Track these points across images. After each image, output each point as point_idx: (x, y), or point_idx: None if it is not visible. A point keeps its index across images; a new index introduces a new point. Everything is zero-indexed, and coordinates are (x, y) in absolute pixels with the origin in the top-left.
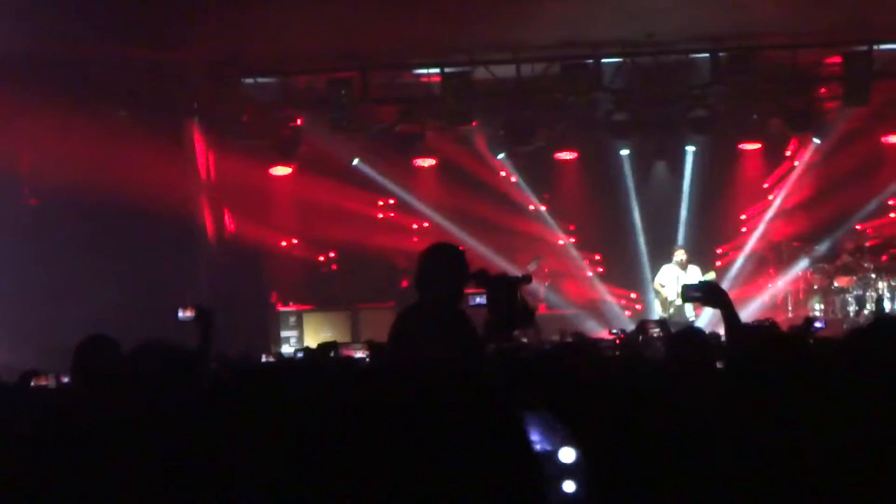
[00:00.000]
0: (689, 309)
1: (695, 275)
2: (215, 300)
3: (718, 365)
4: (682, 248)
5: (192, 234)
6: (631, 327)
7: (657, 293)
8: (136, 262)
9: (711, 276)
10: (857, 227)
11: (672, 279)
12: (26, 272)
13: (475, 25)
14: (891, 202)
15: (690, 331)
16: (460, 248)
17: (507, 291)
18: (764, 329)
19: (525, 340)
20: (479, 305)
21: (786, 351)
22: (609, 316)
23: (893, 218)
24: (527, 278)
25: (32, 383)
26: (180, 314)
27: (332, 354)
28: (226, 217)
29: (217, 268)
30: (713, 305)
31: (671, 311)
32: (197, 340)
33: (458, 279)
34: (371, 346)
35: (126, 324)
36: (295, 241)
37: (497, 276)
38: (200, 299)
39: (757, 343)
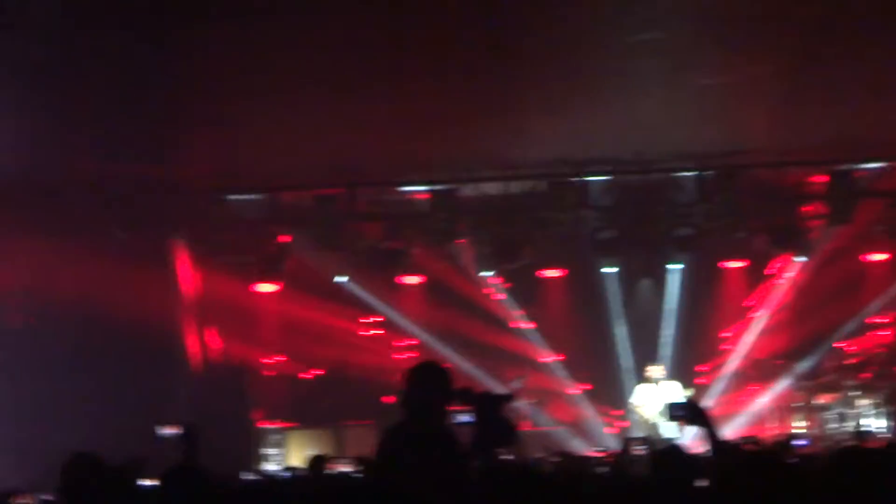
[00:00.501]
0: (670, 426)
1: (674, 390)
2: (197, 417)
3: (700, 483)
4: (657, 364)
5: (176, 351)
6: (614, 445)
7: (636, 412)
8: (120, 381)
9: (690, 393)
10: (839, 344)
11: (649, 397)
12: (9, 390)
13: (463, 143)
14: (874, 321)
15: (673, 449)
16: (445, 365)
17: (491, 409)
18: (746, 447)
19: (510, 458)
20: (465, 423)
21: (765, 469)
22: (593, 433)
23: (875, 336)
24: (511, 396)
25: (10, 501)
26: (161, 431)
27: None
28: (210, 334)
29: (200, 385)
30: (696, 424)
31: (650, 429)
32: (181, 456)
33: (443, 397)
34: (362, 461)
35: (108, 442)
36: (279, 358)
37: (482, 393)
38: (180, 417)
39: (736, 462)
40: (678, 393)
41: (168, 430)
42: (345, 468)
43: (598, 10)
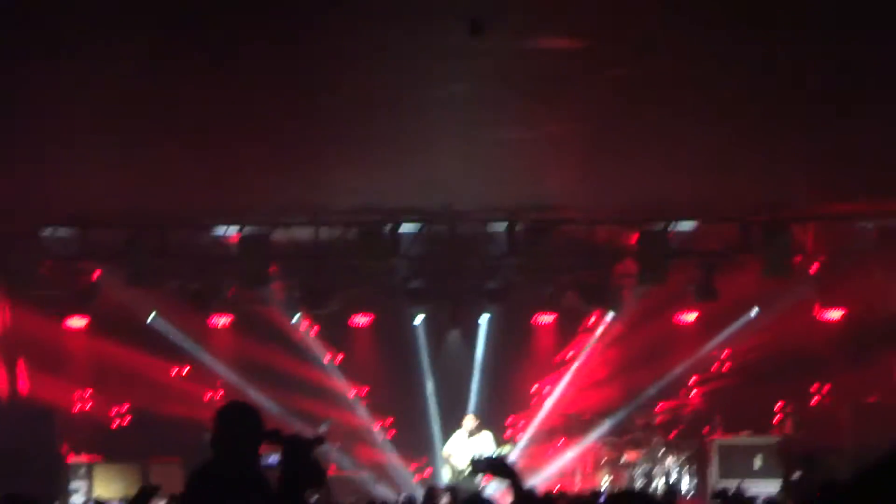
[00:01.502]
0: (478, 477)
1: (487, 440)
2: (2, 449)
3: None
4: (471, 414)
5: None
6: (419, 492)
7: (446, 461)
8: None
9: (508, 448)
10: (649, 403)
11: (461, 447)
12: None
13: (275, 188)
14: (683, 380)
15: (478, 499)
16: (254, 406)
17: (300, 452)
18: (552, 500)
19: (315, 500)
20: (271, 466)
21: None
22: (398, 481)
23: (683, 396)
24: (320, 439)
25: None
26: None
27: None
28: (19, 367)
29: (6, 418)
30: (501, 476)
31: (460, 478)
32: None
33: (253, 438)
34: (174, 499)
35: None
36: (87, 393)
37: (291, 436)
38: None
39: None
40: (489, 444)
41: None
42: None
43: (406, 63)
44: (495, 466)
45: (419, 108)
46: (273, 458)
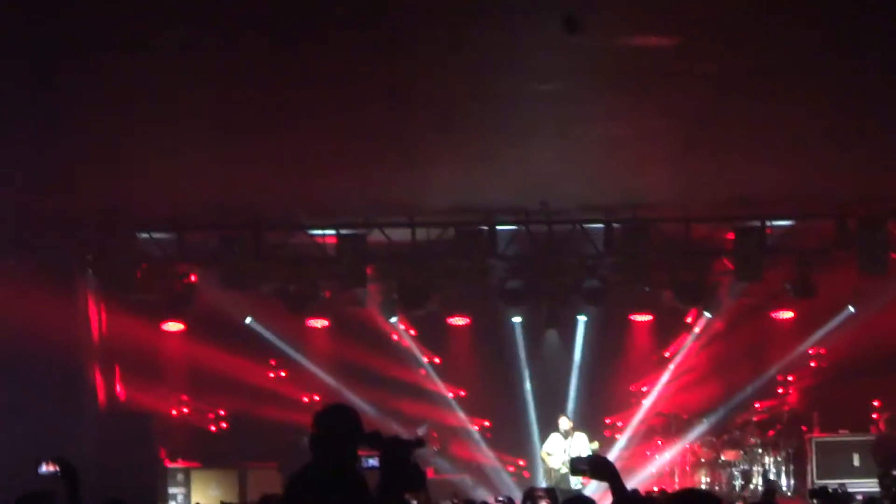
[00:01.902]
0: (575, 478)
1: (581, 442)
2: (101, 456)
3: None
4: (565, 416)
5: (81, 389)
6: (517, 494)
7: (543, 462)
8: (23, 418)
9: (595, 446)
10: (746, 402)
11: (558, 448)
12: None
13: (370, 188)
14: (779, 378)
15: (579, 500)
16: (353, 409)
17: (400, 454)
18: (653, 500)
19: (414, 502)
20: (372, 468)
21: None
22: (496, 482)
23: (781, 395)
24: (420, 441)
25: None
26: (42, 469)
27: None
28: (116, 372)
29: (105, 424)
30: (600, 478)
31: (556, 479)
32: (64, 496)
33: (352, 440)
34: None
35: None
36: (185, 398)
37: (391, 438)
38: (83, 455)
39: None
40: (585, 445)
41: (45, 468)
42: None
43: (501, 57)
44: (596, 466)
45: (514, 105)
46: (373, 461)
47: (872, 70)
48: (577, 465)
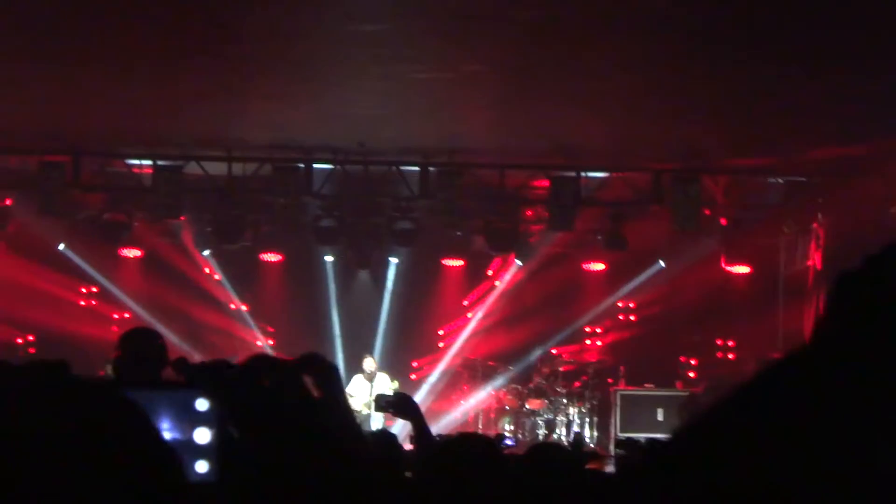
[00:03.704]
0: (377, 419)
1: (384, 383)
2: None
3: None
4: (370, 357)
5: None
6: None
7: None
8: None
9: (396, 385)
10: (553, 351)
11: (361, 390)
12: None
13: (189, 121)
14: (587, 329)
15: (383, 434)
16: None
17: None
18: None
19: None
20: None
21: (476, 451)
22: None
23: (588, 345)
24: (229, 365)
25: None
26: None
27: None
28: None
29: None
30: (404, 417)
31: (360, 420)
32: None
33: (156, 364)
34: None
35: None
36: None
37: (196, 364)
38: None
39: (449, 445)
40: (387, 386)
41: None
42: None
43: None
44: (400, 404)
45: (336, 45)
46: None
47: (688, 30)
48: (381, 402)
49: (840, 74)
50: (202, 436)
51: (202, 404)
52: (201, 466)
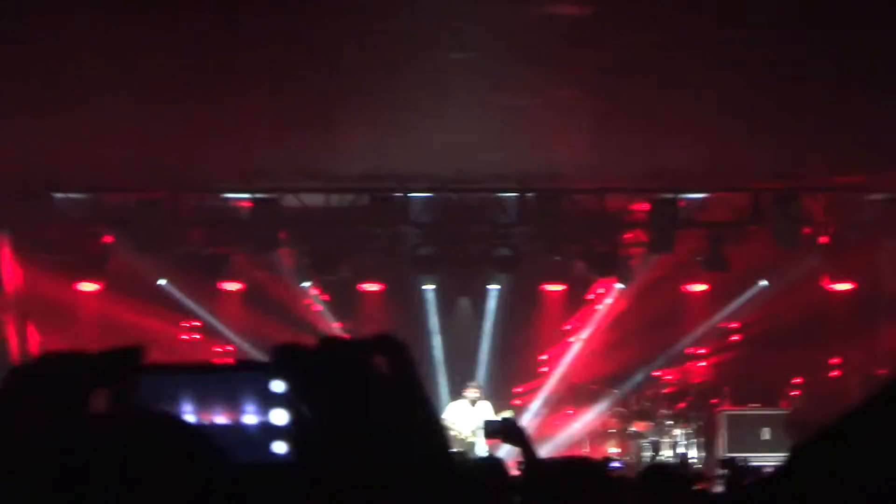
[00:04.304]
0: (481, 446)
1: (487, 410)
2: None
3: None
4: (474, 385)
5: None
6: None
7: (449, 429)
8: None
9: (509, 413)
10: (656, 373)
11: (463, 416)
12: None
13: (286, 153)
14: (691, 351)
15: (490, 459)
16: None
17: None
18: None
19: None
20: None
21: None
22: None
23: (691, 367)
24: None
25: None
26: None
27: None
28: (31, 330)
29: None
30: (512, 443)
31: (465, 446)
32: None
33: None
34: None
35: None
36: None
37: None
38: None
39: (558, 468)
40: (490, 413)
41: None
42: None
43: (416, 26)
44: (509, 430)
45: (429, 73)
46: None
47: (787, 48)
48: (491, 429)
49: None
50: (279, 417)
51: (278, 385)
52: (279, 447)
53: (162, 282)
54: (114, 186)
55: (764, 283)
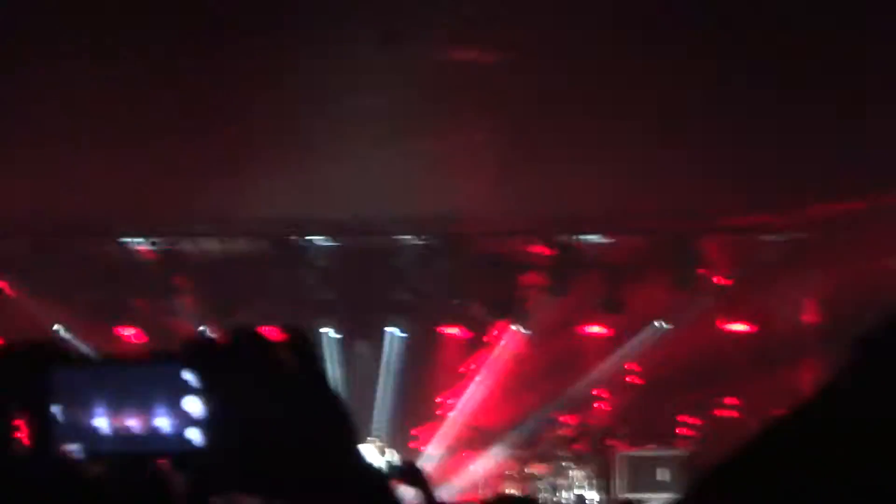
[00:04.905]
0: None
1: (385, 455)
2: None
3: None
4: (376, 438)
5: None
6: None
7: None
8: None
9: (394, 456)
10: (555, 415)
11: (373, 459)
12: None
13: (183, 198)
14: (590, 393)
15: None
16: None
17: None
18: None
19: None
20: None
21: None
22: None
23: (590, 408)
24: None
25: None
26: None
27: None
28: None
29: None
30: (412, 484)
31: None
32: None
33: None
34: None
35: None
36: None
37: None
38: None
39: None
40: (396, 459)
41: None
42: None
43: (315, 72)
44: (407, 473)
45: (328, 118)
46: None
47: (680, 93)
48: (394, 472)
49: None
50: (192, 405)
51: (188, 375)
52: (192, 434)
53: (57, 328)
54: (7, 232)
55: (662, 324)
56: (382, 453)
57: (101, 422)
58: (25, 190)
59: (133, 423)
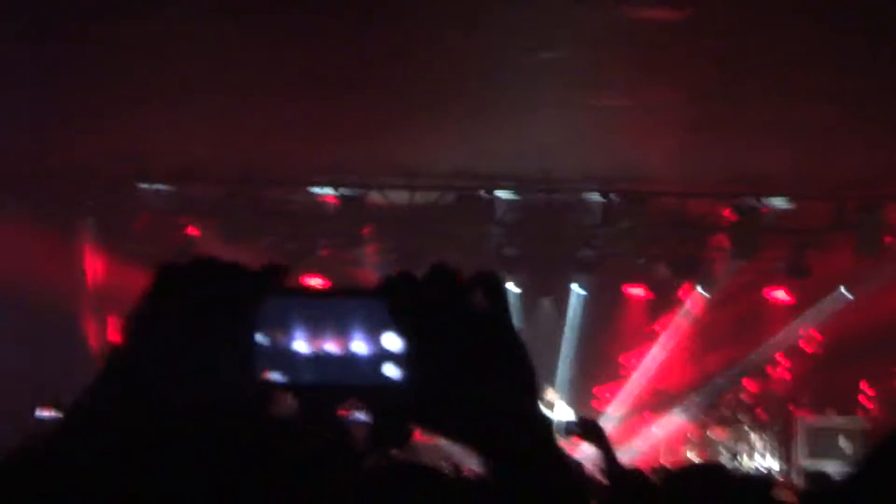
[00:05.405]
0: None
1: (566, 413)
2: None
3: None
4: (551, 388)
5: (76, 338)
6: None
7: None
8: (19, 364)
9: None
10: (737, 380)
11: None
12: None
13: (371, 150)
14: (773, 358)
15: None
16: None
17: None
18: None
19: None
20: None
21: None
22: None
23: (773, 374)
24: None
25: None
26: (40, 413)
27: None
28: (110, 324)
29: (95, 369)
30: (591, 441)
31: None
32: None
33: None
34: None
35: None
36: None
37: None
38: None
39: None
40: (569, 414)
41: (46, 412)
42: None
43: (504, 27)
44: (589, 432)
45: (517, 73)
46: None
47: (871, 57)
48: (570, 427)
49: None
50: (390, 341)
51: (388, 310)
52: (389, 370)
53: None
54: (200, 178)
55: (844, 291)
56: (563, 411)
57: (301, 346)
58: (216, 139)
59: (332, 350)
